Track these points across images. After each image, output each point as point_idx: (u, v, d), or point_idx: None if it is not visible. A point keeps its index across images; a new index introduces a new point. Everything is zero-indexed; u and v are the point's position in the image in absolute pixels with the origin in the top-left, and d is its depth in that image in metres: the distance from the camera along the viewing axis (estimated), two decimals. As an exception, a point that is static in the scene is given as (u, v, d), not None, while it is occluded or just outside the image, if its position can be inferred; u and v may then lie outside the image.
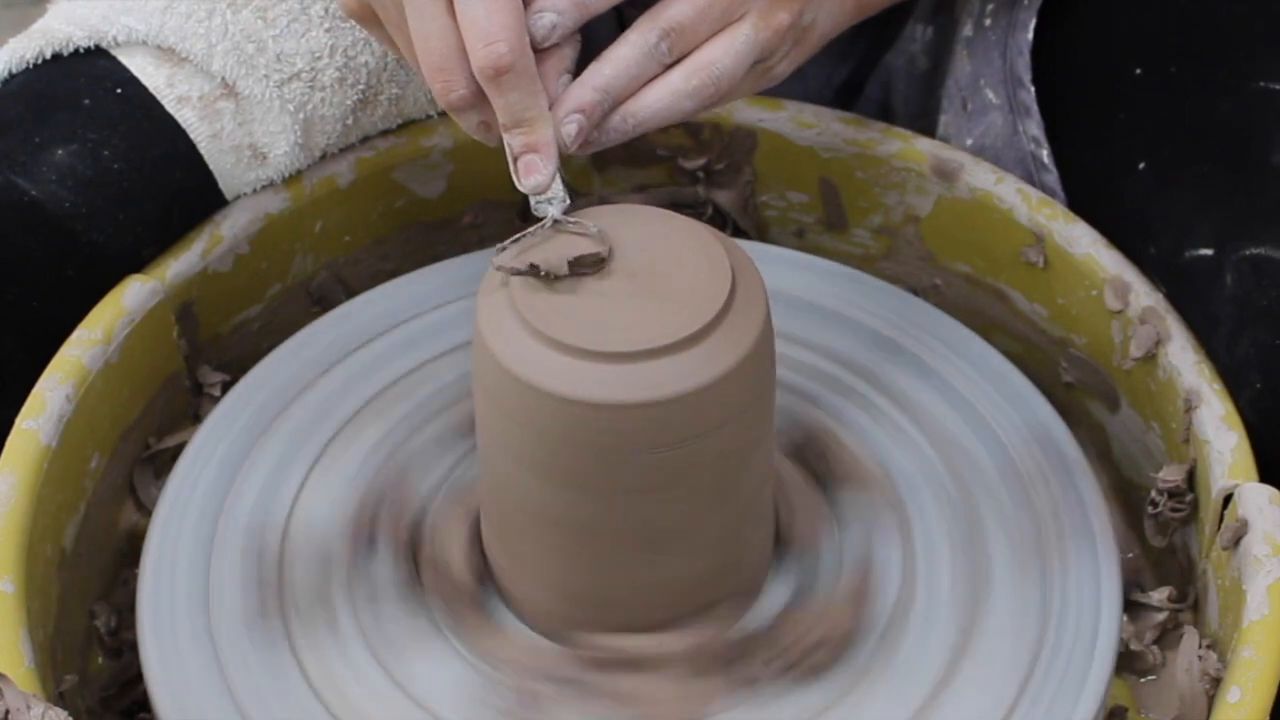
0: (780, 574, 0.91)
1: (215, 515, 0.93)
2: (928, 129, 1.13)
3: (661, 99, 0.86)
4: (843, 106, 1.18)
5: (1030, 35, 1.07)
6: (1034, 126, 1.07)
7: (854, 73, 1.19)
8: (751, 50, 0.88)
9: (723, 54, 0.87)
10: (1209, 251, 0.95)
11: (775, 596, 0.90)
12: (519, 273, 0.83)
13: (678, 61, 0.87)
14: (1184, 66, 1.02)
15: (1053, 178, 1.06)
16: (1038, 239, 1.02)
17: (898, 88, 1.18)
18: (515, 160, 0.84)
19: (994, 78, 1.08)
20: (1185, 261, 0.96)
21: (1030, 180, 1.07)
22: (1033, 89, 1.07)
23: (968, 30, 1.09)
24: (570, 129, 0.84)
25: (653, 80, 0.87)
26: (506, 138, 0.84)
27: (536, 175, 0.84)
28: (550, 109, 0.84)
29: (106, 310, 0.97)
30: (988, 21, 1.08)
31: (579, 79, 0.86)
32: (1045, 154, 1.07)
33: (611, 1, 0.86)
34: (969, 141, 1.10)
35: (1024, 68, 1.07)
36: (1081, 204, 1.05)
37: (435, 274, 1.05)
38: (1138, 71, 1.03)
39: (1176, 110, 1.01)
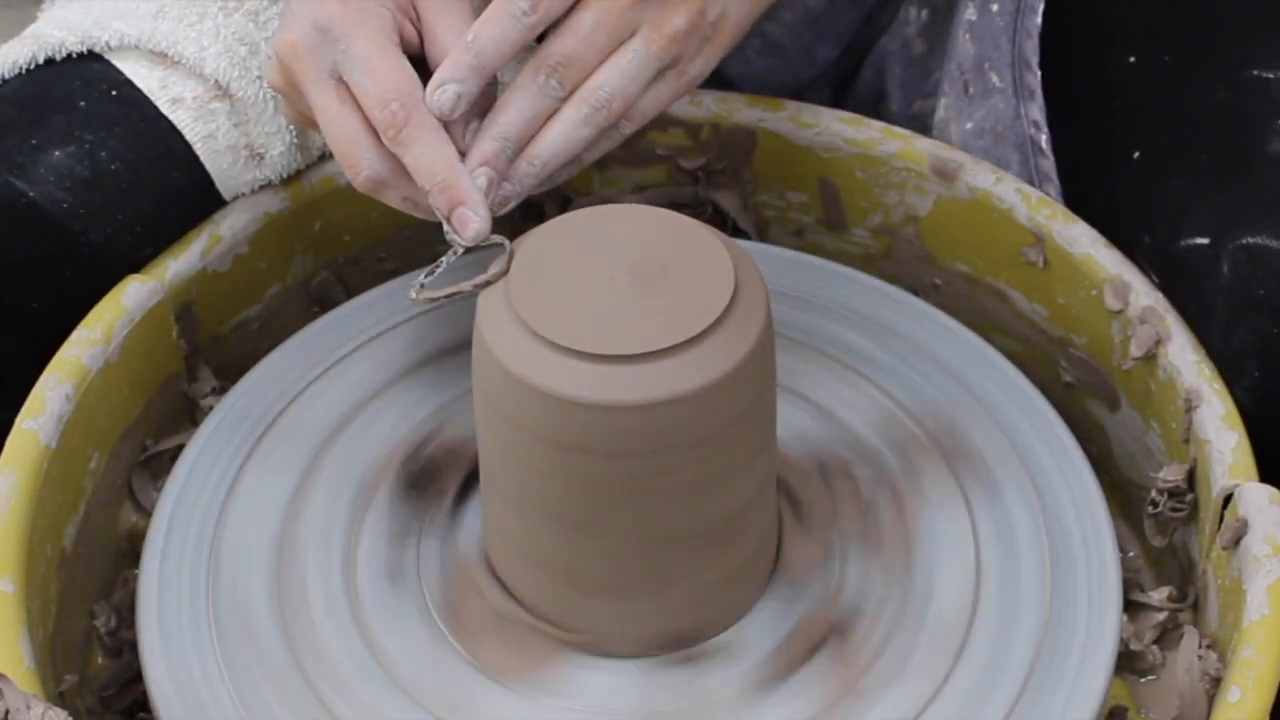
0: None
1: (216, 515, 0.93)
2: (924, 112, 1.13)
3: (557, 134, 0.89)
4: (836, 91, 1.19)
5: (1039, 19, 1.07)
6: (1036, 110, 1.07)
7: (846, 57, 1.19)
8: (645, 63, 0.90)
9: (609, 75, 0.89)
10: (1205, 240, 0.95)
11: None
12: (436, 302, 0.86)
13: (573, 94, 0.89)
14: (1178, 55, 1.02)
15: (1049, 163, 1.07)
16: (1037, 239, 1.02)
17: (892, 71, 1.18)
18: (448, 219, 0.87)
19: (1000, 61, 1.08)
20: (1181, 250, 0.96)
21: (1027, 165, 1.07)
22: (1039, 73, 1.07)
23: (970, 14, 1.09)
24: (480, 182, 0.87)
25: (551, 118, 0.89)
26: (431, 201, 0.87)
27: (472, 225, 0.87)
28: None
29: (106, 310, 0.97)
30: (994, 6, 1.08)
31: (479, 132, 0.89)
32: (1044, 139, 1.07)
33: (506, 56, 0.89)
34: (969, 125, 1.10)
35: (1032, 51, 1.07)
36: (1076, 191, 1.05)
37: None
38: (1131, 60, 1.03)
39: (1171, 99, 1.01)
